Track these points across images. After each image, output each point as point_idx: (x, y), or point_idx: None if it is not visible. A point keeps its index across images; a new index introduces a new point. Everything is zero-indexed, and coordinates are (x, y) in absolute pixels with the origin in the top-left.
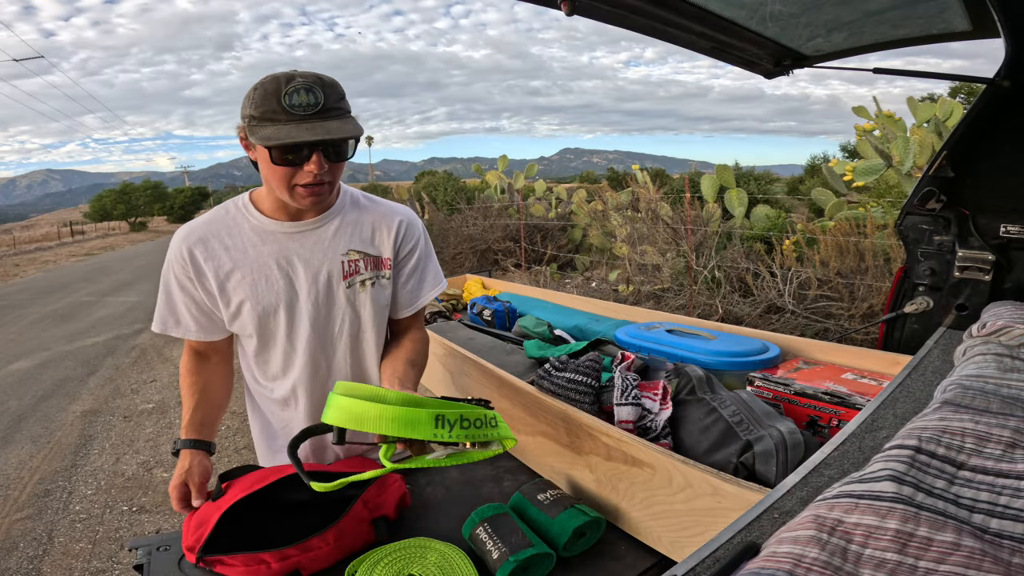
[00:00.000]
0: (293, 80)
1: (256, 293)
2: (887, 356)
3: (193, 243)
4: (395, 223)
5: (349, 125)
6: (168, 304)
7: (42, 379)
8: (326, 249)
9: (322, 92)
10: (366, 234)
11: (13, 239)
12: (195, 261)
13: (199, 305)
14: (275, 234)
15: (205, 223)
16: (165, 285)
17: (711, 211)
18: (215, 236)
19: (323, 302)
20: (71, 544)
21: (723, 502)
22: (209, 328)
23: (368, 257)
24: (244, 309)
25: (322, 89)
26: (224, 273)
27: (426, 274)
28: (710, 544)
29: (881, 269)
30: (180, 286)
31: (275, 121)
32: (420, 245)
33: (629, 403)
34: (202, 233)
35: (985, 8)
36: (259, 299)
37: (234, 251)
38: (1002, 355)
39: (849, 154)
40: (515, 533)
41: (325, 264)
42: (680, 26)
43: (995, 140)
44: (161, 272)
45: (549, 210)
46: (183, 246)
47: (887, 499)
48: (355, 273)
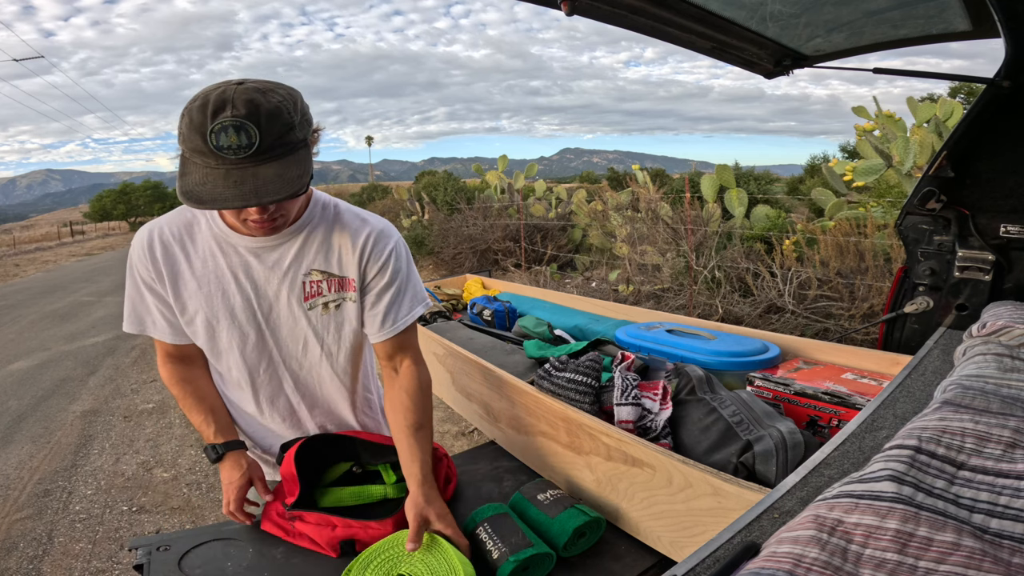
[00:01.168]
0: (222, 113)
1: (211, 306)
2: (887, 356)
3: (153, 241)
4: (360, 240)
5: (290, 171)
6: (141, 305)
7: (42, 379)
8: (287, 268)
9: (256, 131)
10: (331, 252)
11: (13, 239)
12: (155, 262)
13: (168, 306)
14: (236, 247)
15: (167, 223)
16: (134, 287)
17: (711, 211)
18: (176, 239)
19: (282, 324)
20: (71, 544)
21: (723, 502)
22: (177, 333)
23: (332, 277)
24: (197, 319)
25: (257, 127)
26: (181, 279)
27: (405, 292)
28: (710, 544)
29: (881, 269)
30: (148, 287)
31: (202, 162)
32: (392, 261)
33: (629, 403)
34: (163, 234)
35: (985, 8)
36: (214, 312)
37: (193, 258)
38: (1002, 355)
39: (849, 154)
40: (515, 533)
41: (285, 284)
42: (680, 26)
43: (995, 140)
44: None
45: (549, 210)
46: (144, 243)
47: (887, 499)
48: (317, 295)
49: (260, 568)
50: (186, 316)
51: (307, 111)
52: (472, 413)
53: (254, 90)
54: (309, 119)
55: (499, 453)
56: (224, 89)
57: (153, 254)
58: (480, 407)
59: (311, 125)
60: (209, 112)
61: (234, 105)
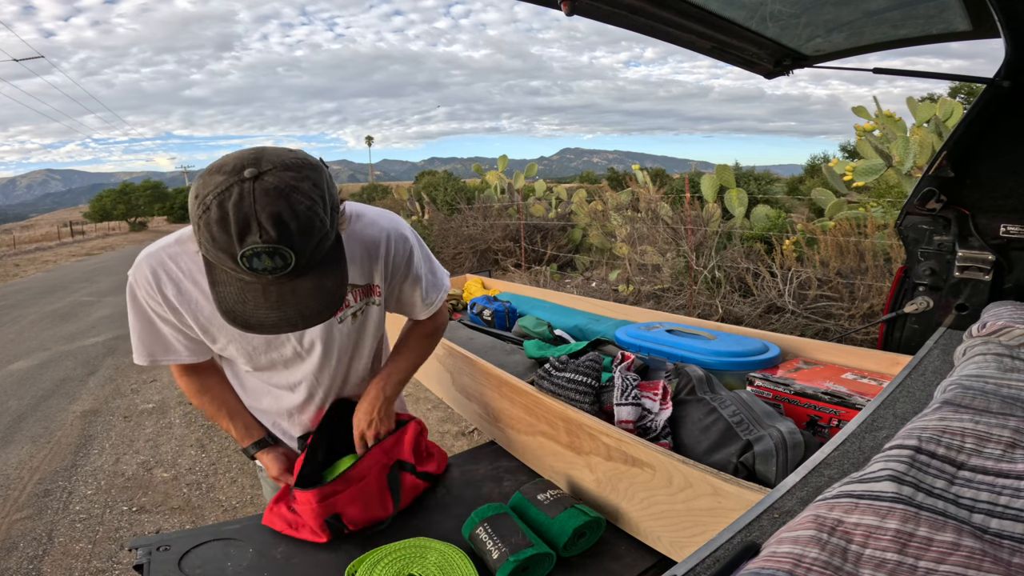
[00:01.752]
0: (248, 235)
1: (244, 336)
2: (887, 356)
3: (162, 282)
4: (381, 249)
5: (327, 282)
6: (151, 334)
7: (42, 379)
8: None
9: (292, 253)
10: (353, 264)
11: (13, 239)
12: (168, 302)
13: (186, 334)
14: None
15: (169, 257)
16: (143, 320)
17: (711, 211)
18: (187, 275)
19: (322, 339)
20: (71, 544)
21: (723, 502)
22: (196, 352)
23: (356, 288)
24: (231, 348)
25: (291, 248)
26: (204, 317)
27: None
28: (710, 544)
29: (881, 269)
30: (161, 319)
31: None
32: (413, 257)
33: (629, 403)
34: (170, 271)
35: (985, 8)
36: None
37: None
38: (1002, 355)
39: (849, 154)
40: (515, 533)
41: None
42: (680, 26)
43: (995, 140)
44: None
45: (549, 210)
46: (152, 285)
47: (887, 499)
48: (345, 307)
49: (260, 568)
50: (217, 345)
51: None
52: (472, 413)
53: (277, 194)
54: (336, 203)
55: (499, 453)
56: (241, 195)
57: (164, 293)
58: (480, 407)
59: (338, 210)
60: (234, 233)
61: (261, 226)
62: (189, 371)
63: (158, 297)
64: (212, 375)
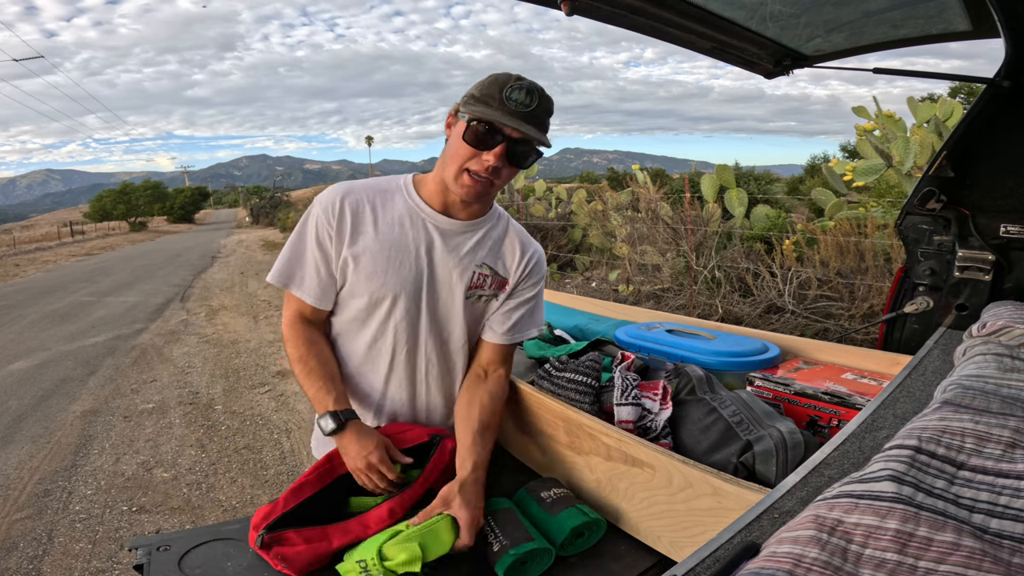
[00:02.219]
0: (521, 80)
1: (385, 269)
2: (887, 356)
3: (346, 198)
4: (529, 253)
5: (542, 135)
6: (298, 260)
7: (42, 379)
8: (464, 255)
9: (538, 98)
10: (502, 254)
11: (13, 239)
12: (342, 214)
13: (327, 267)
14: (426, 222)
15: (363, 186)
16: (299, 239)
17: (711, 211)
18: (369, 200)
19: (440, 304)
20: (71, 544)
21: (723, 502)
22: (323, 296)
23: (496, 276)
24: (365, 276)
25: (539, 97)
26: (364, 236)
27: (535, 312)
28: (710, 544)
29: (881, 269)
30: (318, 241)
31: (489, 105)
32: (541, 283)
33: (629, 403)
34: (358, 193)
35: (985, 8)
36: (386, 275)
37: (381, 222)
38: (1002, 355)
39: (849, 154)
40: (517, 528)
41: (458, 269)
42: (680, 26)
43: (995, 140)
44: (299, 225)
45: (549, 210)
46: (337, 196)
47: (887, 499)
48: (479, 287)
49: (260, 568)
50: (358, 270)
51: None
52: None
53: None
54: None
55: (499, 453)
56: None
57: (343, 207)
58: None
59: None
60: (513, 77)
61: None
62: (303, 321)
63: (335, 211)
64: (323, 335)
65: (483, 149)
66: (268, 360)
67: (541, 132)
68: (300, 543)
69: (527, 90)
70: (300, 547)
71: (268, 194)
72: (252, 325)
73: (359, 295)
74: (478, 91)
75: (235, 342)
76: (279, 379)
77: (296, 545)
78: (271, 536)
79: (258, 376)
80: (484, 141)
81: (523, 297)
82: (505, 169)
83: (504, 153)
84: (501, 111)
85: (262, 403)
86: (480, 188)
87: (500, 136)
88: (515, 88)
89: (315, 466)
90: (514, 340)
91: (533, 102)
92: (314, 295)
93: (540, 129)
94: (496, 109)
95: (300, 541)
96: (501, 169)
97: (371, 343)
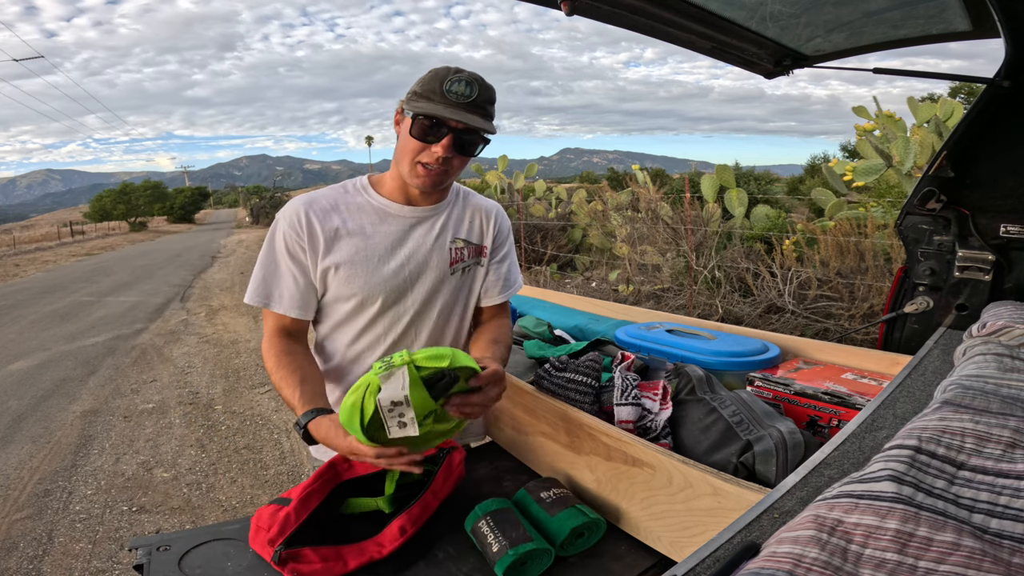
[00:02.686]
0: (460, 73)
1: (367, 266)
2: (887, 356)
3: (309, 208)
4: (493, 215)
5: (486, 124)
6: (272, 276)
7: (42, 379)
8: (437, 236)
9: (478, 88)
10: (471, 224)
11: (13, 239)
12: (311, 225)
13: (305, 276)
14: (395, 216)
15: (323, 195)
16: (269, 257)
17: (711, 211)
18: (333, 208)
19: (430, 286)
20: (71, 544)
21: (723, 502)
22: (305, 306)
23: (471, 245)
24: (343, 272)
25: (479, 87)
26: (336, 234)
27: (514, 264)
28: (710, 544)
29: (881, 269)
30: (290, 255)
31: (431, 100)
32: (510, 234)
33: (629, 403)
34: (320, 202)
35: (985, 8)
36: (369, 271)
37: (351, 223)
38: (1002, 355)
39: (849, 154)
40: (516, 528)
41: (436, 251)
42: (680, 26)
43: (995, 140)
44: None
45: (549, 210)
46: (300, 210)
47: (887, 499)
48: (459, 260)
49: (260, 568)
50: (339, 278)
51: None
52: None
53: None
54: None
55: (499, 453)
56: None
57: (309, 219)
58: None
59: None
60: (452, 70)
61: (468, 72)
62: (282, 334)
63: (302, 224)
64: (301, 344)
65: (431, 142)
66: None
67: (485, 120)
68: (317, 561)
69: (466, 82)
70: (316, 565)
71: (268, 194)
72: (252, 325)
73: (343, 300)
74: (420, 87)
75: (235, 342)
76: None
77: (313, 563)
78: (288, 552)
79: (258, 376)
80: (430, 134)
81: (501, 253)
82: (455, 159)
83: (451, 144)
84: (443, 104)
85: (262, 403)
86: (435, 178)
87: (445, 128)
88: (454, 81)
89: (319, 472)
90: (509, 294)
91: (473, 92)
92: (296, 306)
93: (484, 117)
94: (439, 103)
95: (317, 560)
96: (451, 159)
97: (359, 340)
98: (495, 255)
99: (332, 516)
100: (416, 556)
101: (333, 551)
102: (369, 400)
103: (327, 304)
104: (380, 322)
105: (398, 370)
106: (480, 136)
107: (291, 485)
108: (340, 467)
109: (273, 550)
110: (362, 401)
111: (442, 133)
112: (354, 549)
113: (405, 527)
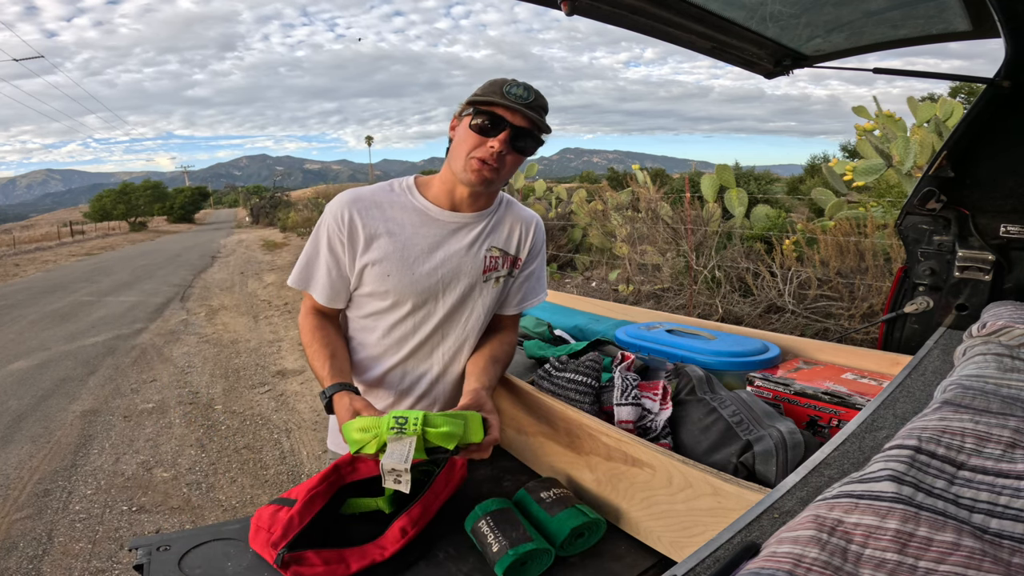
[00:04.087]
0: (517, 81)
1: (402, 267)
2: (887, 356)
3: (353, 206)
4: (531, 227)
5: (541, 120)
6: (312, 264)
7: (42, 379)
8: (474, 243)
9: (534, 94)
10: (509, 234)
11: (13, 239)
12: (352, 223)
13: (339, 270)
14: (437, 220)
15: (369, 193)
16: (313, 246)
17: (711, 211)
18: (376, 206)
19: (462, 292)
20: (71, 544)
21: (723, 502)
22: (335, 297)
23: (507, 256)
24: (378, 270)
25: (535, 93)
26: (377, 239)
27: (541, 277)
28: (710, 544)
29: (881, 269)
30: (330, 248)
31: (491, 102)
32: (543, 249)
33: (629, 403)
34: (365, 200)
35: (985, 8)
36: (403, 272)
37: (392, 223)
38: (1002, 355)
39: (849, 154)
40: (516, 528)
41: (470, 257)
42: (680, 26)
43: (995, 140)
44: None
45: (549, 210)
46: (345, 207)
47: (887, 499)
48: (493, 269)
49: (260, 568)
50: (375, 275)
51: None
52: None
53: None
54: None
55: (499, 453)
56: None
57: (351, 216)
58: None
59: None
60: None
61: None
62: (316, 312)
63: (344, 219)
64: (333, 322)
65: (489, 136)
66: (268, 360)
67: (539, 121)
68: (319, 564)
69: (524, 87)
70: (319, 568)
71: (268, 194)
72: (252, 325)
73: (377, 296)
74: (480, 92)
75: (235, 342)
76: (279, 379)
77: (315, 566)
78: (291, 555)
79: (258, 376)
80: (489, 129)
81: (531, 267)
82: (509, 156)
83: (508, 139)
84: (503, 104)
85: (262, 403)
86: (488, 173)
87: (504, 123)
88: (513, 85)
89: (322, 475)
90: (525, 306)
91: (530, 96)
92: (326, 296)
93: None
94: (499, 103)
95: (319, 563)
96: (505, 156)
97: (387, 337)
98: (526, 267)
99: (332, 516)
100: (416, 556)
101: (335, 554)
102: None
103: (361, 297)
104: (408, 321)
105: (408, 439)
106: (534, 137)
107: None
108: (344, 470)
109: (275, 552)
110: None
111: (501, 128)
112: (356, 552)
113: (406, 528)
